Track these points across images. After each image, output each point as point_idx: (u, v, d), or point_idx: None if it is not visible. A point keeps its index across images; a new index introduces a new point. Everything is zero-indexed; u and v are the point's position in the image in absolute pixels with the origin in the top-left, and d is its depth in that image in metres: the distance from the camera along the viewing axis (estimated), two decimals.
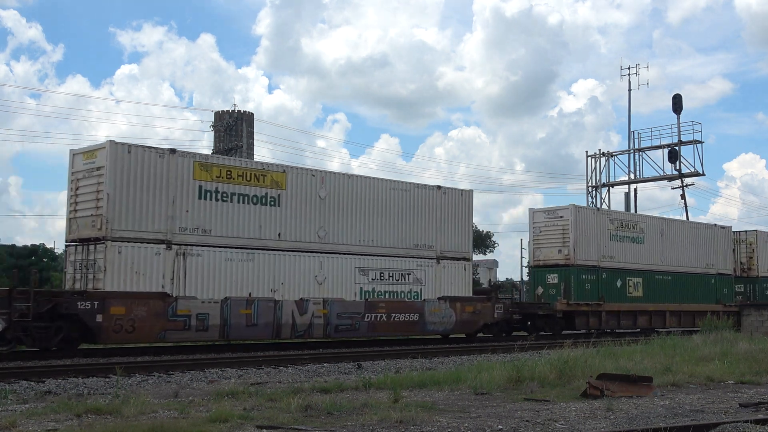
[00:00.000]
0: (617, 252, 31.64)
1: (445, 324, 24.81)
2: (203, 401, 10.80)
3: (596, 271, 30.64)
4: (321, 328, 21.68)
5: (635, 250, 32.43)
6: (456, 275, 25.60)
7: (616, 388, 11.66)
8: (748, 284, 39.47)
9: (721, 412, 10.34)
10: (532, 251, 31.73)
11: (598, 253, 30.89)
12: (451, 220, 25.68)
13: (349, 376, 15.06)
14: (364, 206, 23.43)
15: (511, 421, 9.33)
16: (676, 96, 43.36)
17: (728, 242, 37.62)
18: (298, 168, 22.69)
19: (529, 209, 32.35)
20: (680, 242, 34.77)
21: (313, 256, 22.01)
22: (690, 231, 35.75)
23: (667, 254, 33.88)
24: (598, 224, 31.12)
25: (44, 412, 9.63)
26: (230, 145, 49.19)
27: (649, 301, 32.61)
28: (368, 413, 9.56)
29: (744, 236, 39.88)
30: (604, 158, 46.28)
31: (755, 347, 18.14)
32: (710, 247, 36.45)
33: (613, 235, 31.56)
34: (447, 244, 25.43)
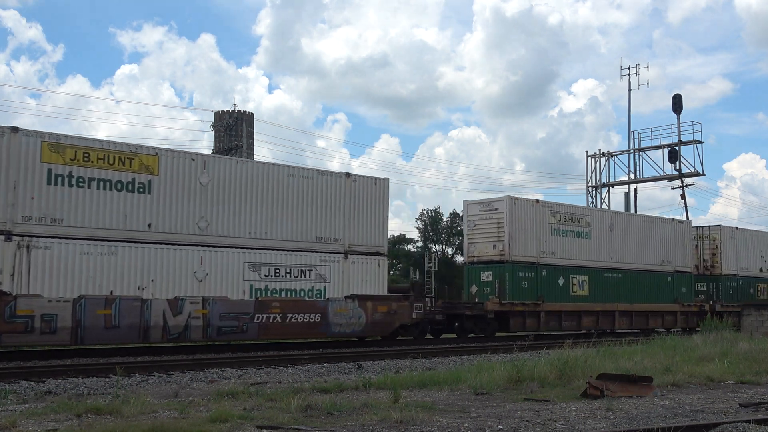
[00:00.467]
0: (560, 247, 29.25)
1: (354, 325, 22.67)
2: (203, 401, 10.80)
3: (535, 268, 28.38)
4: (200, 330, 19.52)
5: (581, 246, 30.07)
6: (368, 272, 23.48)
7: (616, 388, 11.66)
8: (711, 282, 37.28)
9: (721, 412, 10.35)
10: (466, 246, 29.37)
11: (538, 249, 28.55)
12: (363, 211, 23.58)
13: (349, 376, 15.07)
14: (257, 194, 21.25)
15: (511, 421, 9.33)
16: (676, 96, 43.37)
17: (688, 238, 35.54)
18: (173, 151, 20.42)
19: (464, 201, 30.15)
20: (633, 237, 32.44)
21: (193, 250, 19.88)
22: (644, 225, 33.44)
23: (617, 250, 31.59)
24: (537, 217, 28.71)
25: (44, 412, 9.64)
26: (230, 145, 49.18)
27: (596, 300, 30.33)
28: (368, 413, 9.56)
29: (707, 232, 37.91)
30: (604, 158, 46.29)
31: (755, 347, 18.14)
32: (667, 243, 34.18)
33: (555, 229, 29.17)
34: (357, 237, 23.35)
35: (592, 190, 46.08)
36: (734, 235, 38.17)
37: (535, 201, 29.18)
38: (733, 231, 38.38)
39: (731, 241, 37.85)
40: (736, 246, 37.94)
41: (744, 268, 38.32)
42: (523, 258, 28.07)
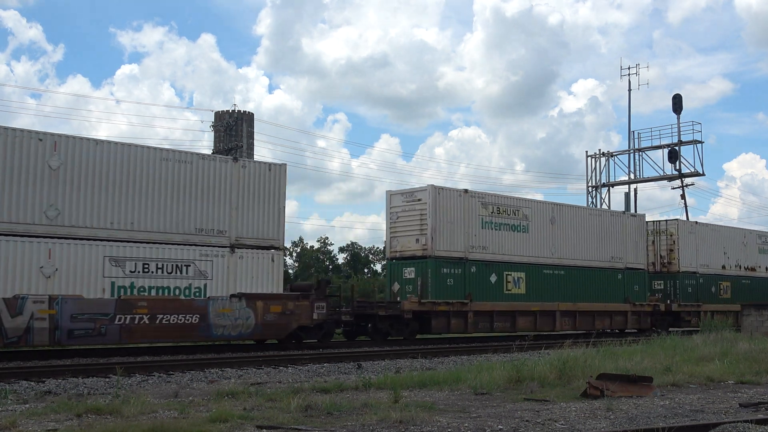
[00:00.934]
0: (492, 241, 26.87)
1: (241, 327, 20.17)
2: (203, 401, 10.80)
3: (463, 264, 25.87)
4: (45, 333, 17.20)
5: (517, 240, 27.70)
6: (260, 268, 21.25)
7: (616, 388, 11.66)
8: (668, 280, 34.88)
9: (721, 412, 10.35)
10: (389, 241, 26.75)
11: (466, 243, 26.11)
12: (255, 200, 21.38)
13: (349, 376, 15.07)
14: (121, 180, 19.09)
15: (511, 421, 9.33)
16: (676, 96, 43.37)
17: (641, 232, 33.14)
18: (14, 129, 18.00)
19: (387, 191, 27.69)
20: (578, 231, 30.04)
21: (39, 242, 17.68)
22: (591, 219, 31.10)
23: (559, 245, 29.18)
24: (465, 209, 26.27)
25: (44, 412, 9.64)
26: (230, 144, 49.18)
27: (533, 299, 27.84)
28: (368, 413, 9.56)
29: (664, 226, 35.48)
30: (604, 158, 46.29)
31: (755, 347, 18.14)
32: (618, 238, 31.77)
33: (486, 222, 26.76)
34: (247, 229, 21.17)
35: (592, 190, 46.09)
36: (693, 230, 36.06)
37: (464, 191, 26.73)
38: (691, 226, 36.29)
39: (690, 237, 35.64)
40: (695, 241, 35.78)
41: (704, 265, 36.04)
42: (448, 253, 25.68)
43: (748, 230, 40.74)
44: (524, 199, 29.35)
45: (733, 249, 37.83)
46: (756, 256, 39.42)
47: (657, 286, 34.75)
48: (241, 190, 21.20)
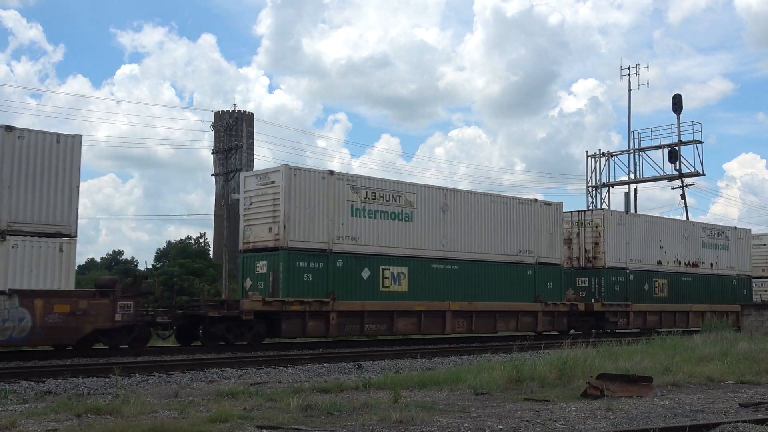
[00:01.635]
0: (365, 231, 23.06)
1: (12, 331, 16.83)
2: (203, 401, 10.80)
3: (326, 257, 22.16)
4: None
5: (397, 230, 23.79)
6: (42, 259, 18.03)
7: (616, 388, 11.66)
8: (593, 277, 31.06)
9: (721, 412, 10.34)
10: (242, 230, 23.17)
11: (331, 233, 22.26)
12: (36, 178, 18.18)
13: (349, 376, 15.07)
14: None
15: (511, 421, 9.33)
16: (676, 96, 43.34)
17: (556, 223, 29.10)
18: None
19: (240, 173, 24.72)
20: (476, 221, 26.25)
21: None
22: (493, 207, 27.00)
23: (453, 236, 25.34)
24: (330, 193, 22.49)
25: (44, 412, 9.64)
26: (230, 144, 49.16)
27: (418, 297, 23.99)
28: (368, 413, 9.56)
29: (589, 217, 31.71)
30: (604, 158, 46.26)
31: (755, 347, 18.14)
32: (529, 229, 27.91)
33: (357, 208, 22.98)
34: (24, 212, 17.93)
35: (592, 190, 46.07)
36: (623, 221, 32.19)
37: (329, 172, 22.91)
38: (620, 216, 32.50)
39: (619, 229, 31.84)
40: (624, 234, 31.94)
41: (636, 260, 32.19)
42: (306, 244, 21.95)
43: (691, 222, 36.96)
44: (408, 184, 24.98)
45: (672, 243, 33.99)
46: (699, 250, 35.50)
47: (581, 283, 31.16)
48: (16, 164, 17.90)
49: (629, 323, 31.23)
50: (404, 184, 24.88)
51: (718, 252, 36.53)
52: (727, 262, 37.10)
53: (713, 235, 36.52)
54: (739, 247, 37.88)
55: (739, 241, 38.00)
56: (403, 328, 23.85)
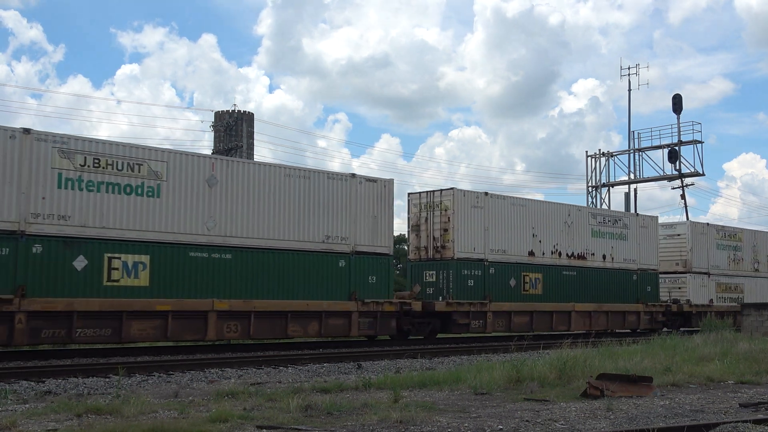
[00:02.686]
0: (81, 209, 17.90)
1: None
2: (203, 401, 10.80)
3: (14, 242, 17.00)
4: None
5: (136, 208, 18.73)
6: None
7: (616, 388, 11.66)
8: (441, 270, 25.60)
9: (721, 412, 10.35)
10: None
11: (22, 210, 17.12)
12: None
13: (349, 376, 15.08)
14: None
15: (511, 421, 9.34)
16: (676, 96, 43.38)
17: (384, 204, 23.52)
18: None
19: None
20: (261, 200, 20.93)
21: None
22: (288, 183, 21.46)
23: (224, 217, 20.24)
24: (23, 158, 17.30)
25: (44, 412, 9.64)
26: (230, 145, 49.18)
27: (164, 294, 19.01)
28: (368, 413, 9.57)
29: (438, 198, 26.04)
30: (604, 158, 46.31)
31: (755, 347, 18.15)
32: (342, 211, 22.42)
33: (69, 179, 17.82)
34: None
35: (592, 190, 46.12)
36: (481, 203, 26.54)
37: (23, 131, 17.50)
38: (476, 198, 26.60)
39: (475, 213, 26.31)
40: (482, 219, 26.49)
41: (498, 250, 26.60)
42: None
43: (577, 207, 30.79)
44: (153, 150, 19.58)
45: (550, 230, 28.61)
46: (588, 240, 30.05)
47: (429, 278, 25.97)
48: None
49: (487, 325, 25.91)
50: (148, 149, 19.32)
51: (613, 242, 31.07)
52: (626, 254, 31.64)
53: (607, 223, 31.21)
54: (642, 237, 32.45)
55: (642, 230, 32.59)
56: (138, 334, 18.57)
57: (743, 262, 38.01)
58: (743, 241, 38.20)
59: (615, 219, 31.71)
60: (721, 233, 36.90)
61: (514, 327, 26.74)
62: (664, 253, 34.96)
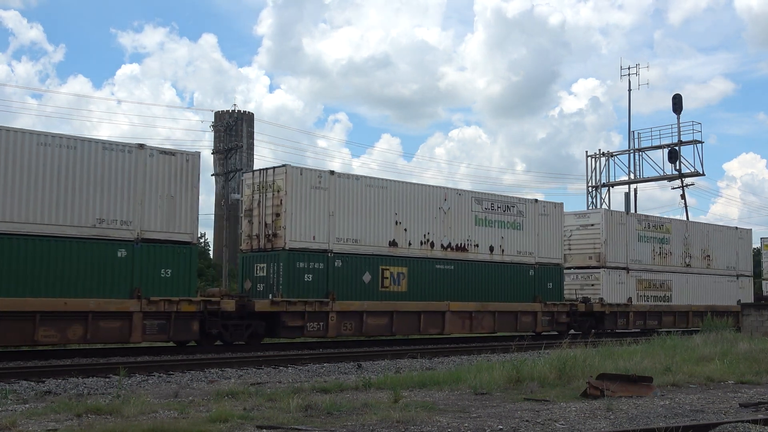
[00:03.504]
0: None
1: None
2: (203, 401, 10.80)
3: None
4: None
5: None
6: None
7: (616, 388, 11.66)
8: (272, 263, 21.54)
9: (721, 412, 10.35)
10: None
11: None
12: None
13: (349, 376, 15.07)
14: None
15: (511, 421, 9.34)
16: (676, 96, 43.38)
17: (185, 182, 19.50)
18: None
19: None
20: None
21: None
22: (38, 152, 17.29)
23: None
24: None
25: (44, 412, 9.64)
26: (230, 144, 49.19)
27: None
28: (368, 413, 9.57)
29: (271, 177, 21.90)
30: (604, 158, 46.30)
31: (755, 347, 18.14)
32: (120, 189, 18.43)
33: None
34: None
35: (592, 190, 46.11)
36: (324, 183, 22.11)
37: None
38: (318, 178, 22.05)
39: (315, 194, 21.92)
40: (326, 202, 22.06)
41: (348, 239, 22.60)
42: None
43: (456, 190, 26.33)
44: None
45: (419, 217, 24.32)
46: (470, 229, 25.77)
47: (260, 271, 22.00)
48: None
49: (329, 328, 21.68)
50: None
51: (504, 232, 26.65)
52: (521, 246, 27.24)
53: (495, 209, 26.57)
54: (542, 227, 28.08)
55: (542, 218, 28.14)
56: None
57: (672, 256, 33.82)
58: (672, 233, 34.01)
59: (507, 205, 27.13)
60: (644, 224, 33.04)
61: (368, 330, 22.74)
62: (578, 246, 31.33)
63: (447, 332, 24.88)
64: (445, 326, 24.55)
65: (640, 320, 31.63)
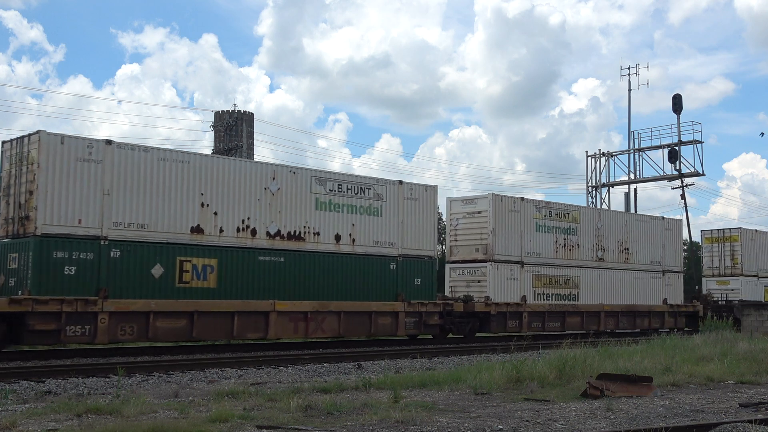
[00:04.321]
0: None
1: None
2: (203, 401, 10.81)
3: None
4: None
5: None
6: None
7: (616, 388, 11.67)
8: (22, 251, 17.62)
9: (721, 412, 10.35)
10: None
11: None
12: None
13: (349, 376, 15.07)
14: None
15: (511, 421, 9.34)
16: (676, 96, 43.36)
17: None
18: None
19: None
20: None
21: None
22: None
23: None
24: None
25: (44, 412, 9.64)
26: (230, 145, 49.18)
27: None
28: (368, 413, 9.57)
29: (25, 148, 17.97)
30: (604, 158, 46.29)
31: (755, 347, 18.15)
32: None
33: None
34: None
35: (592, 190, 46.11)
36: (97, 154, 18.24)
37: None
38: (87, 147, 18.20)
39: (83, 168, 18.06)
40: (100, 177, 18.29)
41: (132, 224, 18.69)
42: None
43: (288, 167, 22.20)
44: None
45: (235, 199, 20.47)
46: (309, 214, 21.85)
47: (12, 263, 18.06)
48: None
49: (98, 332, 17.72)
50: None
51: (356, 218, 22.67)
52: (378, 235, 23.21)
53: (344, 192, 22.58)
54: (408, 213, 23.91)
55: (409, 203, 23.98)
56: None
57: (580, 248, 29.48)
58: (581, 223, 29.76)
59: (361, 187, 22.95)
60: (544, 211, 28.52)
61: (157, 334, 18.75)
62: (464, 237, 27.34)
63: (273, 336, 20.83)
64: (269, 329, 20.50)
65: (537, 321, 27.48)
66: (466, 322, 25.63)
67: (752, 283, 40.30)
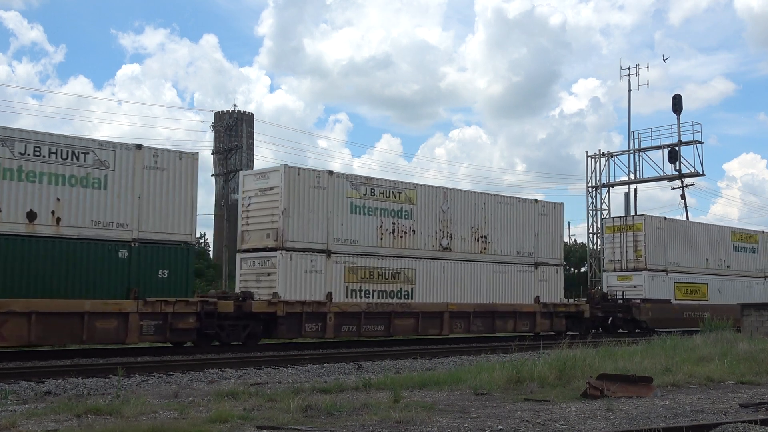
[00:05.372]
0: None
1: None
2: (203, 401, 10.80)
3: None
4: None
5: None
6: None
7: (616, 389, 11.66)
8: None
9: (721, 412, 10.35)
10: None
11: None
12: None
13: (349, 376, 15.07)
14: None
15: (511, 421, 9.34)
16: (676, 96, 43.36)
17: None
18: None
19: None
20: None
21: None
22: None
23: None
24: None
25: (44, 412, 9.63)
26: (230, 145, 49.18)
27: None
28: (368, 413, 9.57)
29: None
30: (604, 158, 46.26)
31: (755, 347, 18.13)
32: None
33: None
34: None
35: (592, 190, 46.09)
36: None
37: None
38: None
39: None
40: None
41: None
42: None
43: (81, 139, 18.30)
44: None
45: None
46: None
47: None
48: None
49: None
50: None
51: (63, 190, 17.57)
52: (100, 214, 18.07)
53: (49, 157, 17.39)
54: (150, 186, 18.83)
55: (150, 172, 18.84)
56: None
57: (415, 235, 24.38)
58: (417, 204, 24.56)
59: (73, 151, 17.80)
60: (363, 189, 23.34)
61: None
62: (256, 220, 22.24)
63: None
64: None
65: (348, 324, 22.39)
66: (242, 326, 20.69)
67: (659, 278, 33.95)
